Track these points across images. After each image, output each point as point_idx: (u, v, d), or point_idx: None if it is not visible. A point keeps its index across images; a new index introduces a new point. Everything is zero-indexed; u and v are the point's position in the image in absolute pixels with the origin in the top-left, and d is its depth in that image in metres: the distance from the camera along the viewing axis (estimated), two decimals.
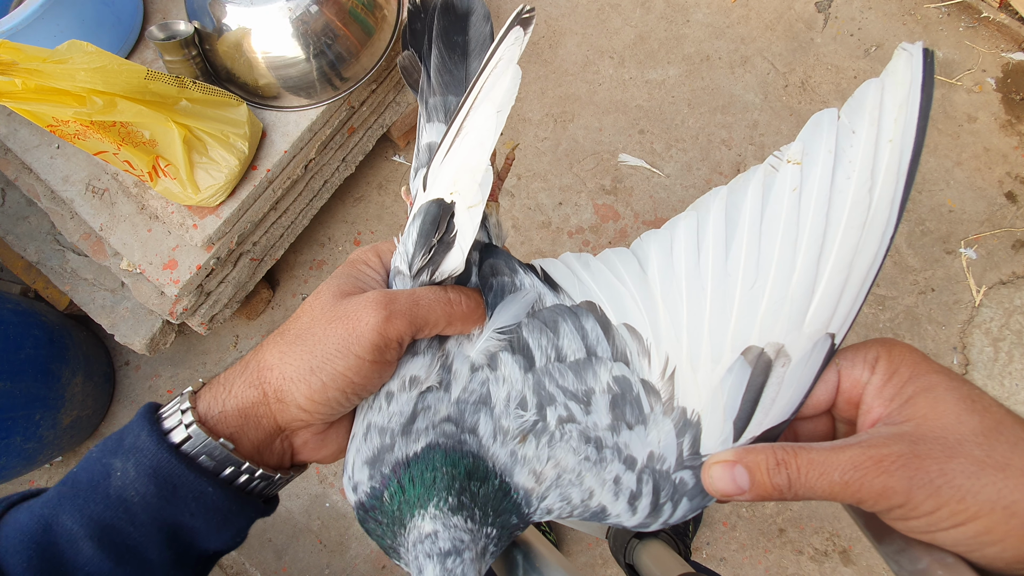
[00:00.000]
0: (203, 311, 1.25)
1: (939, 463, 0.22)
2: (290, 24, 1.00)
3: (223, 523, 0.29)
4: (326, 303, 0.30)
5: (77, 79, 0.78)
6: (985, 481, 0.22)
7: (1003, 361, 1.44)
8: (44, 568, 0.25)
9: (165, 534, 0.28)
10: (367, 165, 1.59)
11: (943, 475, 0.22)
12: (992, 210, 1.52)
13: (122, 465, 0.28)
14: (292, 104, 1.13)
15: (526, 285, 0.33)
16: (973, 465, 0.22)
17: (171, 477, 0.28)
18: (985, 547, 0.22)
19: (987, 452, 0.22)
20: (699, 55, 1.66)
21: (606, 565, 1.39)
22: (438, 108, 0.36)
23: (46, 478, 1.49)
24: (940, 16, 1.66)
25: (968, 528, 0.22)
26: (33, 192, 1.20)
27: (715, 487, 0.27)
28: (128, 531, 0.27)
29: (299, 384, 0.29)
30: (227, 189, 1.04)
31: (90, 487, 0.28)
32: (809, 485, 0.24)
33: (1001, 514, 0.21)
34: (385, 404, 0.31)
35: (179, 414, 0.29)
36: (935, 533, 0.24)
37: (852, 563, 1.35)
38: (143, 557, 0.28)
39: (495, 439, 0.30)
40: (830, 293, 0.27)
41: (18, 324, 1.23)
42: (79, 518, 0.27)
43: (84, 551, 0.26)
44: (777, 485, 0.25)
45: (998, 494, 0.21)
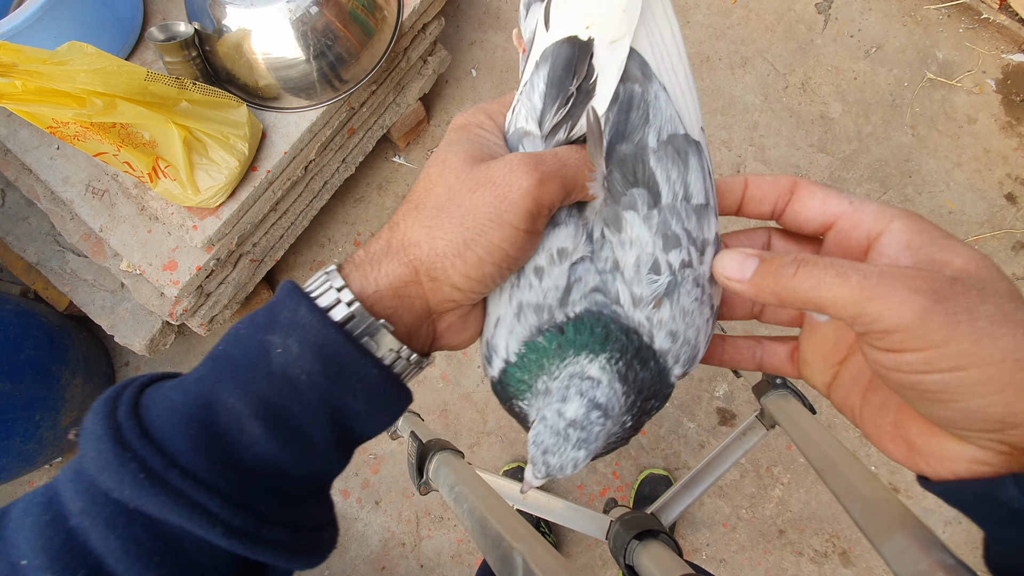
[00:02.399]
0: (203, 312, 1.25)
1: (969, 300, 0.21)
2: (290, 25, 1.00)
3: (381, 409, 0.27)
4: (460, 170, 0.27)
5: (77, 80, 0.78)
6: (1007, 331, 0.20)
7: None
8: (211, 448, 0.23)
9: (329, 416, 0.25)
10: (367, 166, 1.59)
11: (968, 312, 0.21)
12: (992, 211, 1.52)
13: (282, 342, 0.25)
14: (292, 105, 1.13)
15: (661, 101, 0.27)
16: (1001, 314, 0.21)
17: (337, 356, 0.25)
18: (976, 397, 0.21)
19: (1015, 308, 0.21)
20: (699, 56, 1.67)
21: (606, 566, 1.39)
22: None
23: (45, 479, 1.49)
24: (940, 17, 1.66)
25: (968, 374, 0.21)
26: (33, 193, 1.20)
27: (720, 269, 0.27)
28: (294, 411, 0.25)
29: (454, 260, 0.26)
30: (227, 190, 1.04)
31: (249, 364, 0.25)
32: (819, 282, 0.23)
33: (1011, 366, 0.20)
34: (536, 281, 0.28)
35: (334, 291, 0.26)
36: (923, 375, 0.22)
37: (852, 564, 1.35)
38: (309, 439, 0.25)
39: (635, 307, 0.28)
40: None
41: (18, 325, 1.23)
42: (242, 395, 0.24)
43: (250, 430, 0.24)
44: (782, 276, 0.24)
45: (1016, 345, 0.20)
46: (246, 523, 0.23)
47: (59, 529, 0.22)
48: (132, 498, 0.22)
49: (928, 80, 1.62)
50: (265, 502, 0.24)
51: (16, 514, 0.23)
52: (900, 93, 1.61)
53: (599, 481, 1.42)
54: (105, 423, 0.23)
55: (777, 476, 1.40)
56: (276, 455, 0.24)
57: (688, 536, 1.39)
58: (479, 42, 1.69)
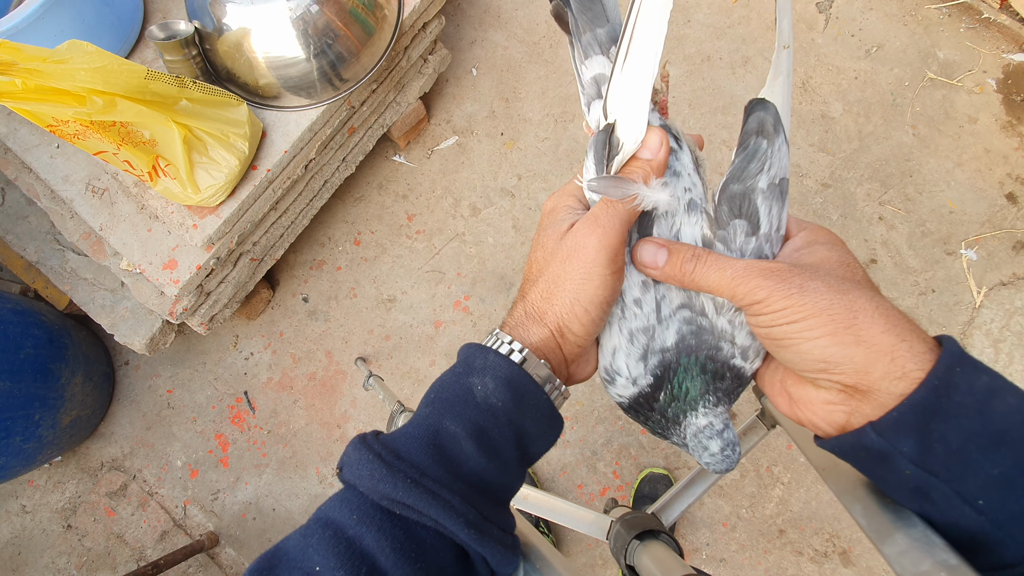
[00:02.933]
0: (203, 311, 1.25)
1: (804, 279, 0.31)
2: (291, 24, 1.00)
3: (547, 430, 0.36)
4: (554, 249, 0.36)
5: (77, 79, 0.78)
6: (825, 296, 0.30)
7: (1003, 362, 1.44)
8: (443, 462, 0.32)
9: (515, 435, 0.34)
10: (367, 165, 1.59)
11: (801, 287, 0.30)
12: (993, 211, 1.52)
13: (480, 381, 0.34)
14: (292, 104, 1.13)
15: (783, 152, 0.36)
16: (824, 286, 0.30)
17: (520, 386, 0.34)
18: (805, 341, 0.30)
19: (837, 282, 0.31)
20: (700, 55, 1.66)
21: (606, 565, 1.39)
22: (592, 43, 0.39)
23: (45, 477, 1.49)
24: (941, 17, 1.66)
25: (798, 324, 0.30)
26: (33, 192, 1.20)
27: (639, 254, 0.35)
28: (493, 432, 0.33)
29: (570, 317, 0.35)
30: (227, 189, 1.04)
31: (460, 400, 0.34)
32: (706, 275, 0.33)
33: (825, 317, 0.29)
34: (639, 310, 0.36)
35: (506, 345, 0.35)
36: (775, 327, 0.31)
37: (852, 564, 1.35)
38: (503, 456, 0.33)
39: (718, 314, 0.35)
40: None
41: (18, 324, 1.22)
42: (459, 422, 0.33)
43: (466, 448, 0.32)
44: (684, 269, 0.34)
45: (829, 304, 0.30)
46: (476, 518, 0.31)
47: (341, 539, 0.29)
48: (404, 498, 0.30)
49: (929, 80, 1.61)
50: (483, 505, 0.32)
51: (294, 542, 0.30)
52: (901, 92, 1.61)
53: (599, 481, 1.42)
54: (370, 453, 0.31)
55: (777, 475, 1.40)
56: (484, 468, 0.32)
57: (688, 535, 1.39)
58: (480, 41, 1.69)
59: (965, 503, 0.28)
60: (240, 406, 1.50)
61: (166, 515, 1.44)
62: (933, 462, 0.28)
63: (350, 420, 1.47)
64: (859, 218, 1.54)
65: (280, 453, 1.47)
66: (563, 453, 1.44)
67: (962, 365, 0.28)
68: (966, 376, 0.28)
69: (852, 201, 1.55)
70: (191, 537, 1.42)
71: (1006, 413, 0.27)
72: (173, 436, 1.49)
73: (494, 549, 0.31)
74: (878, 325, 0.29)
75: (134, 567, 1.37)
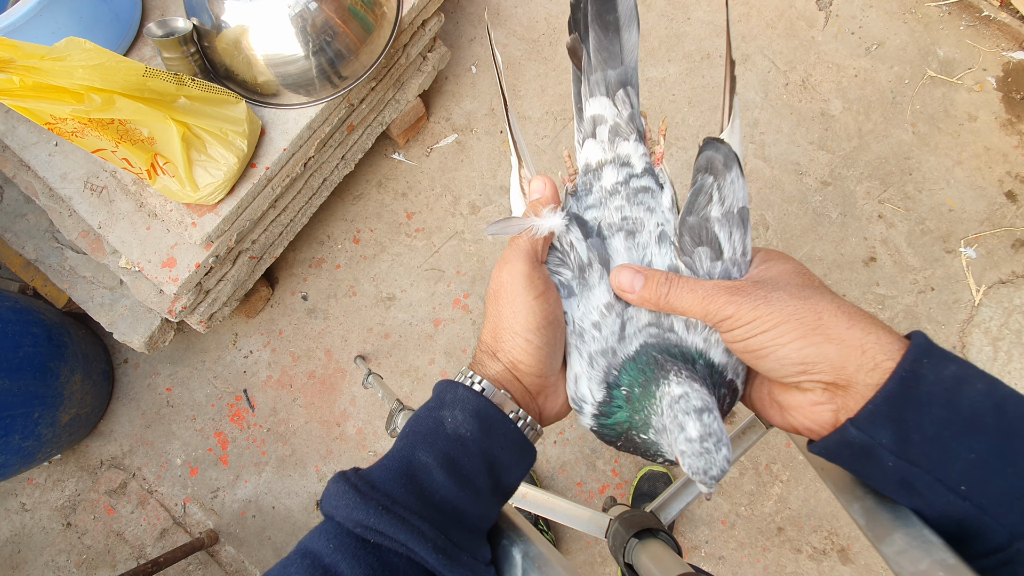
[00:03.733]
0: (202, 309, 1.25)
1: (767, 291, 0.33)
2: (289, 21, 1.00)
3: (519, 459, 0.37)
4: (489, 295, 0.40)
5: (75, 76, 0.78)
6: (790, 303, 0.32)
7: (1002, 360, 1.44)
8: (413, 490, 0.33)
9: (486, 464, 0.35)
10: (366, 163, 1.59)
11: (766, 298, 0.32)
12: (992, 209, 1.52)
13: (450, 414, 0.36)
14: (291, 102, 1.12)
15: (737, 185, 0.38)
16: (787, 294, 0.32)
17: (488, 416, 0.36)
18: (780, 347, 0.32)
19: (798, 289, 0.33)
20: (699, 53, 1.66)
21: (604, 563, 1.39)
22: (599, 83, 0.41)
23: (45, 476, 1.49)
24: (941, 15, 1.65)
25: (770, 333, 0.32)
26: (31, 190, 1.20)
27: (616, 280, 0.37)
28: (464, 461, 0.35)
29: (515, 348, 0.37)
30: (226, 187, 1.04)
31: (432, 432, 0.36)
32: (680, 297, 0.35)
33: (794, 323, 0.31)
34: (597, 332, 0.37)
35: (470, 380, 0.38)
36: (749, 339, 0.33)
37: (850, 562, 1.35)
38: (475, 484, 0.35)
39: (689, 331, 0.37)
40: None
41: (17, 322, 1.22)
42: (430, 452, 0.35)
43: (438, 478, 0.34)
44: (659, 292, 0.35)
45: (795, 309, 0.32)
46: (446, 544, 0.32)
47: (318, 566, 0.31)
48: (376, 524, 0.31)
49: (929, 77, 1.61)
50: (454, 532, 0.33)
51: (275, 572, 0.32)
52: (901, 90, 1.61)
53: (598, 479, 1.43)
54: (347, 485, 0.33)
55: (776, 473, 1.40)
56: (456, 497, 0.34)
57: (687, 533, 1.39)
58: (479, 38, 1.68)
59: (948, 490, 0.29)
60: (239, 404, 1.50)
61: (166, 513, 1.44)
62: (912, 452, 0.29)
63: (349, 418, 1.48)
64: (859, 216, 1.54)
65: (279, 451, 1.47)
66: (562, 451, 1.44)
67: (929, 356, 0.29)
68: (933, 366, 0.29)
69: (852, 199, 1.55)
70: (191, 535, 1.42)
71: (975, 400, 0.29)
72: (172, 434, 1.49)
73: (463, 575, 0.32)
74: (843, 322, 0.31)
75: (134, 565, 1.37)
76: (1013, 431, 0.28)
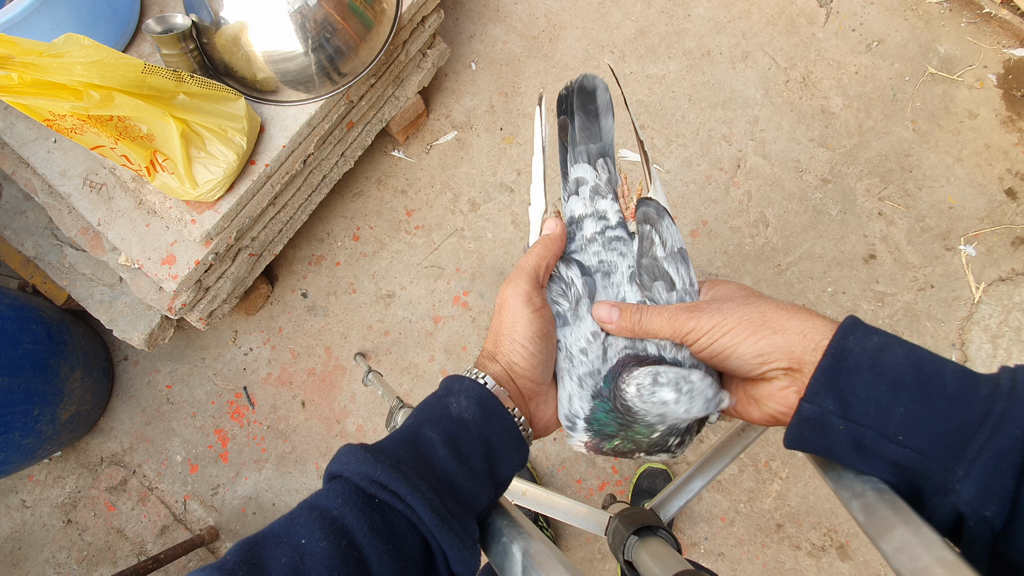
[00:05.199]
0: (202, 306, 1.25)
1: (718, 304, 0.40)
2: (288, 17, 1.00)
3: (513, 450, 0.41)
4: (495, 308, 0.46)
5: (74, 73, 0.78)
6: (738, 310, 0.39)
7: (1001, 358, 1.44)
8: (419, 458, 0.37)
9: (484, 448, 0.39)
10: (366, 160, 1.59)
11: (719, 309, 0.39)
12: (992, 207, 1.52)
13: (456, 400, 0.41)
14: (291, 98, 1.12)
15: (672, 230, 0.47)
16: (734, 304, 0.39)
17: (489, 405, 0.41)
18: (738, 346, 0.38)
19: (743, 297, 0.41)
20: (700, 50, 1.66)
21: (604, 560, 1.39)
22: (583, 153, 0.51)
23: (45, 473, 1.49)
24: (942, 12, 1.65)
25: (728, 336, 0.38)
26: (30, 186, 1.20)
27: (596, 313, 0.44)
28: (464, 440, 0.39)
29: (512, 352, 0.43)
30: (225, 184, 1.04)
31: (438, 414, 0.40)
32: (650, 322, 0.42)
33: (744, 323, 0.38)
34: (584, 357, 0.44)
35: (475, 374, 0.42)
36: (711, 344, 0.39)
37: (849, 558, 1.36)
38: (472, 463, 0.39)
39: (659, 352, 0.44)
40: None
41: (16, 319, 1.22)
42: (435, 430, 0.39)
43: (440, 451, 0.38)
44: (633, 320, 0.42)
45: (743, 313, 0.38)
46: (440, 507, 0.35)
47: (326, 518, 0.34)
48: (382, 477, 0.35)
49: (929, 75, 1.61)
50: (449, 501, 0.36)
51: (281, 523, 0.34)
52: (901, 88, 1.61)
53: (598, 476, 1.43)
54: (357, 446, 0.37)
55: (775, 470, 1.41)
56: (454, 470, 0.38)
57: (686, 530, 1.39)
58: (479, 35, 1.68)
59: (890, 441, 0.33)
60: (239, 401, 1.50)
61: (166, 510, 1.45)
62: (854, 413, 0.34)
63: (349, 415, 1.48)
64: (859, 213, 1.54)
65: (279, 448, 1.47)
66: (562, 448, 1.44)
67: (855, 332, 0.35)
68: (859, 340, 0.35)
69: (852, 197, 1.55)
70: (191, 532, 1.43)
71: (896, 362, 0.34)
72: (173, 431, 1.49)
73: (452, 542, 0.35)
74: (783, 316, 0.37)
75: (134, 561, 1.37)
76: (929, 382, 0.33)
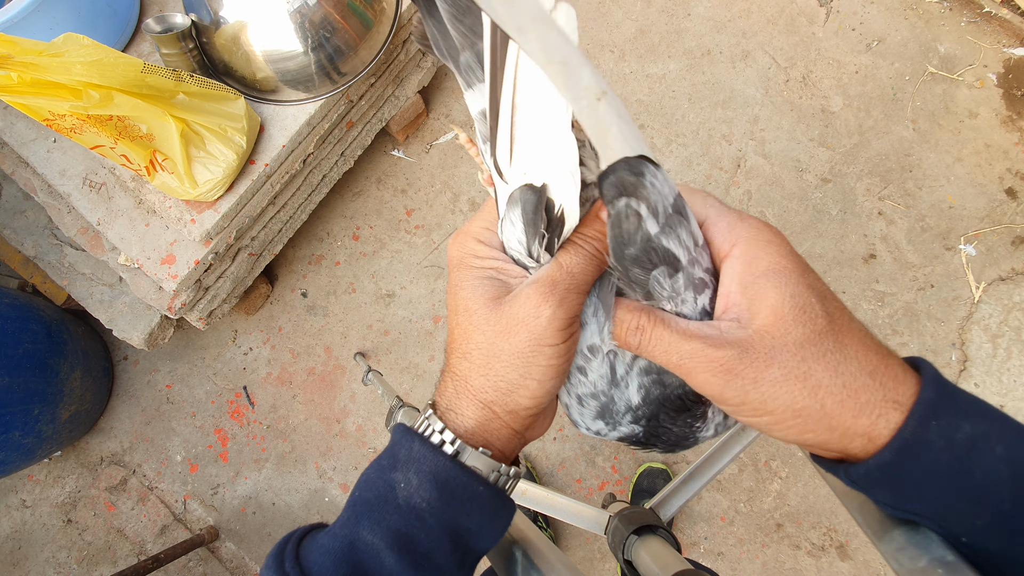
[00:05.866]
0: (201, 306, 1.25)
1: (756, 371, 0.27)
2: (288, 17, 1.00)
3: (491, 521, 0.32)
4: (488, 316, 0.31)
5: (73, 72, 0.78)
6: (785, 389, 0.27)
7: (1001, 357, 1.44)
8: None
9: (449, 537, 0.30)
10: (366, 160, 1.59)
11: (754, 383, 0.27)
12: (992, 206, 1.52)
13: (403, 477, 0.30)
14: (290, 98, 1.12)
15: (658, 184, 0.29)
16: (781, 374, 0.27)
17: (449, 480, 0.30)
18: (774, 431, 0.28)
19: (797, 363, 0.27)
20: (700, 49, 1.66)
21: (604, 559, 1.40)
22: (472, 65, 0.30)
23: (45, 472, 1.49)
24: (942, 11, 1.65)
25: (762, 419, 0.28)
26: (30, 186, 1.20)
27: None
28: (420, 537, 0.29)
29: (519, 394, 0.31)
30: (225, 184, 1.04)
31: (380, 501, 0.30)
32: (653, 355, 0.30)
33: (789, 413, 0.27)
34: (583, 376, 0.33)
35: (438, 433, 0.31)
36: (739, 416, 0.29)
37: (849, 558, 1.36)
38: (435, 562, 0.30)
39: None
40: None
41: (16, 319, 1.22)
42: (378, 531, 0.29)
43: (387, 563, 0.29)
44: (629, 343, 0.30)
45: (792, 400, 0.27)
46: None
47: None
48: None
49: (929, 74, 1.61)
50: None
51: None
52: (901, 87, 1.61)
53: (598, 475, 1.43)
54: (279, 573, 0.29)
55: (775, 470, 1.41)
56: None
57: (686, 529, 1.39)
58: None
59: (950, 536, 0.28)
60: (239, 401, 1.50)
61: (166, 509, 1.45)
62: (911, 507, 0.28)
63: (349, 415, 1.48)
64: (859, 213, 1.54)
65: (279, 448, 1.47)
66: (562, 448, 1.44)
67: (938, 416, 0.26)
68: (943, 431, 0.26)
69: (852, 196, 1.55)
70: (191, 531, 1.43)
71: (991, 466, 0.25)
72: (172, 431, 1.49)
73: None
74: (849, 409, 0.27)
75: (134, 561, 1.37)
76: None
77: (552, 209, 0.30)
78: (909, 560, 0.28)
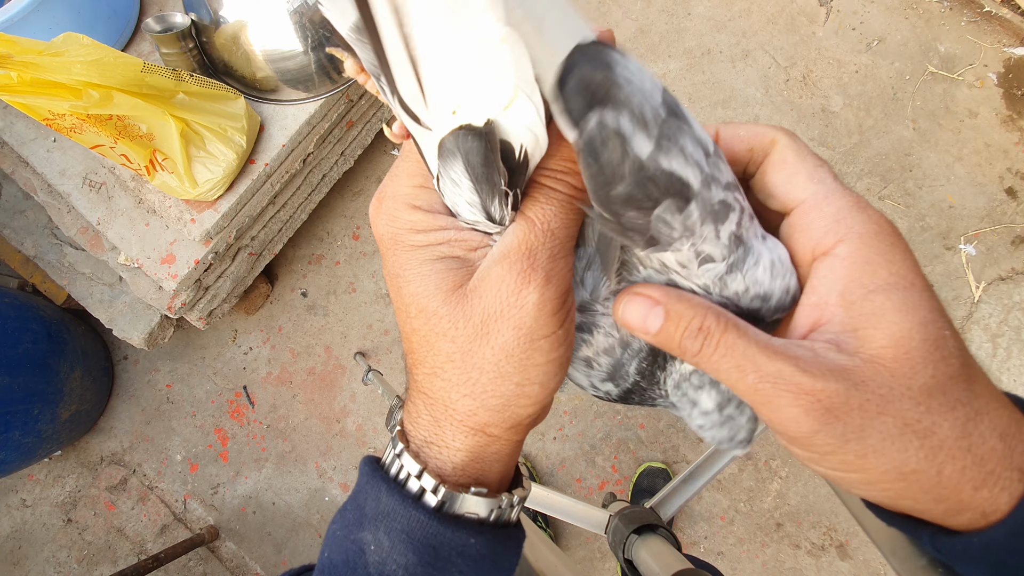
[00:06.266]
0: (201, 305, 1.25)
1: (865, 418, 0.20)
2: (288, 16, 1.00)
3: (492, 568, 0.26)
4: (450, 315, 0.23)
5: (73, 72, 0.78)
6: (897, 446, 0.20)
7: (1001, 357, 1.44)
8: None
9: None
10: (366, 159, 1.59)
11: (860, 431, 0.20)
12: (992, 206, 1.52)
13: (373, 537, 0.24)
14: (290, 97, 1.12)
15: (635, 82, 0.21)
16: (897, 427, 0.20)
17: (427, 538, 0.24)
18: (857, 489, 0.22)
19: (920, 415, 0.21)
20: (700, 48, 1.65)
21: (604, 559, 1.40)
22: None
23: (45, 472, 1.49)
24: (942, 10, 1.65)
25: (851, 476, 0.21)
26: (30, 186, 1.20)
27: (622, 315, 0.24)
28: None
29: (519, 404, 0.24)
30: (225, 183, 1.04)
31: (349, 567, 0.24)
32: (716, 369, 0.22)
33: (892, 476, 0.21)
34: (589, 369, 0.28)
35: (415, 479, 0.25)
36: (817, 465, 0.22)
37: (849, 557, 1.36)
38: None
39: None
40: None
41: (16, 318, 1.22)
42: None
43: None
44: (685, 348, 0.22)
45: (902, 461, 0.20)
46: None
47: None
48: None
49: (930, 73, 1.61)
50: None
51: None
52: (901, 86, 1.61)
53: (598, 475, 1.43)
54: None
55: (775, 469, 1.41)
56: None
57: (686, 529, 1.40)
58: None
59: None
60: (239, 401, 1.50)
61: (166, 509, 1.45)
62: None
63: (349, 415, 1.48)
64: None
65: (279, 447, 1.47)
66: (562, 447, 1.44)
67: None
68: None
69: None
70: (191, 531, 1.43)
71: None
72: (172, 430, 1.49)
73: None
74: (970, 479, 0.21)
75: (134, 560, 1.37)
76: None
77: (512, 153, 0.22)
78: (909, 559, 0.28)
